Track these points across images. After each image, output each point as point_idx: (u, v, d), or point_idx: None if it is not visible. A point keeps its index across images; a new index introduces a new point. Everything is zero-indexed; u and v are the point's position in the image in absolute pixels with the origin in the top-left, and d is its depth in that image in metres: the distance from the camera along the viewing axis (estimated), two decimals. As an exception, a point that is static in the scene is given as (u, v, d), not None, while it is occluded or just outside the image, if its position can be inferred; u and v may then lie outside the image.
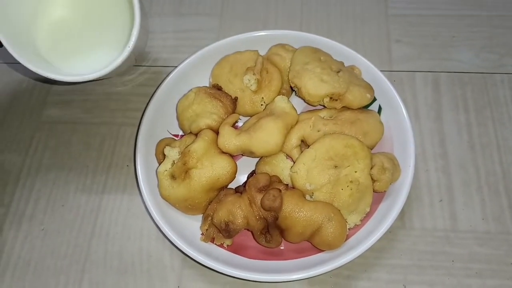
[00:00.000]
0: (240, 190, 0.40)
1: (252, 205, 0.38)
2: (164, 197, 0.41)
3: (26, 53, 0.42)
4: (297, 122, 0.43)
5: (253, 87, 0.45)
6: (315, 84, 0.43)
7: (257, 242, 0.40)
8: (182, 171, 0.40)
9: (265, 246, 0.40)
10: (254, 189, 0.38)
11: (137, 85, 0.51)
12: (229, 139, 0.41)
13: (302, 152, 0.42)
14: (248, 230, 0.40)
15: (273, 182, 0.39)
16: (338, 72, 0.44)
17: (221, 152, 0.42)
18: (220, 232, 0.39)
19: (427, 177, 0.45)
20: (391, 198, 0.40)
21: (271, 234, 0.39)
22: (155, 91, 0.46)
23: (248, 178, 0.42)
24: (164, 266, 0.42)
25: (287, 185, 0.39)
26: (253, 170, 0.44)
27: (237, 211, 0.38)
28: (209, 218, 0.40)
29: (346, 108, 0.44)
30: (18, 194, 0.46)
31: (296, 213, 0.38)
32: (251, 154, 0.42)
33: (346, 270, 0.40)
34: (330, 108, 0.44)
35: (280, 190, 0.38)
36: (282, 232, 0.39)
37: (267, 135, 0.41)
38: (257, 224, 0.39)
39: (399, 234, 0.42)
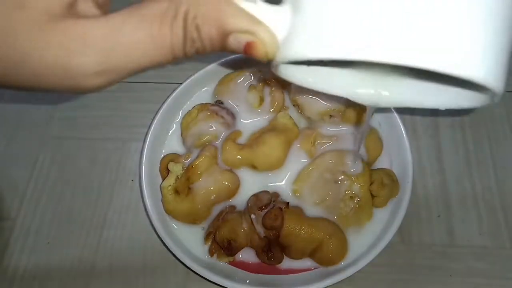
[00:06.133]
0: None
1: (253, 224, 0.39)
2: (168, 212, 0.42)
3: None
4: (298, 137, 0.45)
5: (256, 104, 0.46)
6: (316, 102, 0.45)
7: (259, 259, 0.41)
8: (185, 186, 0.41)
9: (267, 264, 0.40)
10: (256, 208, 0.39)
11: (142, 101, 0.53)
12: (232, 154, 0.42)
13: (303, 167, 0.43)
14: (250, 247, 0.41)
15: (274, 200, 0.40)
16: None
17: (223, 167, 0.43)
18: (223, 249, 0.40)
19: (425, 193, 0.45)
20: (390, 214, 0.41)
21: (272, 251, 0.40)
22: (160, 108, 0.47)
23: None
24: (168, 280, 0.42)
25: (287, 202, 0.40)
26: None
27: (239, 230, 0.39)
28: (212, 235, 0.41)
29: (346, 124, 0.45)
30: (25, 208, 0.47)
31: (297, 231, 0.38)
32: (253, 168, 0.43)
33: (346, 284, 0.41)
34: (331, 125, 0.45)
35: (281, 209, 0.39)
36: (283, 249, 0.40)
37: (269, 150, 0.42)
38: (259, 242, 0.39)
39: (398, 249, 0.43)
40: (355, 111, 0.45)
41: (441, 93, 0.27)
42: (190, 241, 0.42)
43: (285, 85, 0.47)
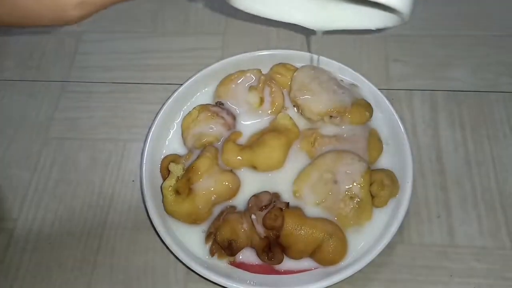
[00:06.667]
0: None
1: (254, 224, 0.39)
2: (169, 212, 0.42)
3: None
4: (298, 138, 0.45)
5: (256, 105, 0.46)
6: (316, 102, 0.45)
7: (260, 259, 0.41)
8: (186, 187, 0.42)
9: (268, 264, 0.40)
10: (256, 208, 0.39)
11: (142, 102, 0.53)
12: (233, 155, 0.43)
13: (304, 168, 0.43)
14: (250, 247, 0.41)
15: (275, 200, 0.40)
16: (338, 90, 0.46)
17: (224, 168, 0.43)
18: (223, 249, 0.40)
19: (425, 193, 0.45)
20: (390, 214, 0.41)
21: (273, 251, 0.40)
22: (160, 108, 0.47)
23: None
24: (169, 280, 0.42)
25: (287, 203, 0.40)
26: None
27: (239, 230, 0.39)
28: (212, 235, 0.41)
29: (345, 125, 0.45)
30: (26, 209, 0.47)
31: (297, 231, 0.39)
32: (254, 169, 0.43)
33: (346, 284, 0.41)
34: (331, 126, 0.45)
35: (281, 209, 0.39)
36: (284, 249, 0.40)
37: (269, 151, 0.42)
38: (260, 242, 0.40)
39: (398, 249, 0.43)
40: (355, 111, 0.45)
41: (367, 17, 0.37)
42: (191, 241, 0.42)
43: (285, 85, 0.48)
